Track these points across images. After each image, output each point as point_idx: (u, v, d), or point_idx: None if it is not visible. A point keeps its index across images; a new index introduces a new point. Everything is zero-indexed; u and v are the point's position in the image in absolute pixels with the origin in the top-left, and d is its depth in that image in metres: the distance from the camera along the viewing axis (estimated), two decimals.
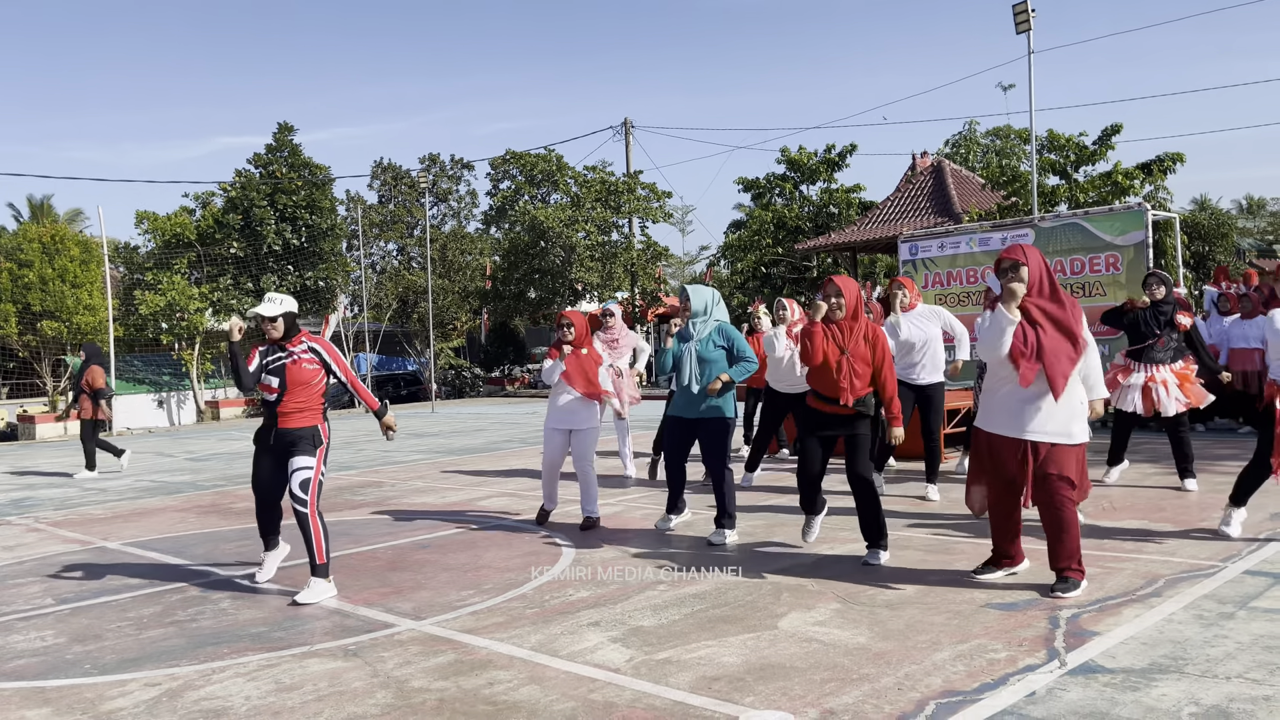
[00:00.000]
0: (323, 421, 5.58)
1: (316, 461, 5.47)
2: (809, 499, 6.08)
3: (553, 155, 35.07)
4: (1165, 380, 7.63)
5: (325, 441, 5.55)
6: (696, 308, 6.58)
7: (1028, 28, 17.40)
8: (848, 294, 5.70)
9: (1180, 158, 21.43)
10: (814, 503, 6.11)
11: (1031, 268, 4.87)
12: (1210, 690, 3.51)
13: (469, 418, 21.54)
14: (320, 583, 5.41)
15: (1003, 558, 5.22)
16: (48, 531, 8.35)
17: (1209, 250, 23.19)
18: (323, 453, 5.52)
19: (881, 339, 5.71)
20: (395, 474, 11.36)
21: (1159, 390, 7.63)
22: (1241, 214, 45.57)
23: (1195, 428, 12.14)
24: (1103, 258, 12.34)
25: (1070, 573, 4.85)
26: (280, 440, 5.51)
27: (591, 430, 7.26)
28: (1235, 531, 5.95)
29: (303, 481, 5.42)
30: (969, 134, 44.25)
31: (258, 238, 29.92)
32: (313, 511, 5.42)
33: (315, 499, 5.44)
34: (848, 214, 29.07)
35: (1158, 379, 7.67)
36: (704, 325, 6.56)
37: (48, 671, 4.38)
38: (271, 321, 5.51)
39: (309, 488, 5.42)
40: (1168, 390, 7.61)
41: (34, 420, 23.35)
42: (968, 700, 3.51)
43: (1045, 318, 4.84)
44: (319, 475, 5.48)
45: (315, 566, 5.42)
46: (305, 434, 5.48)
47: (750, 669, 3.96)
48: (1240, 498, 6.01)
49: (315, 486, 5.45)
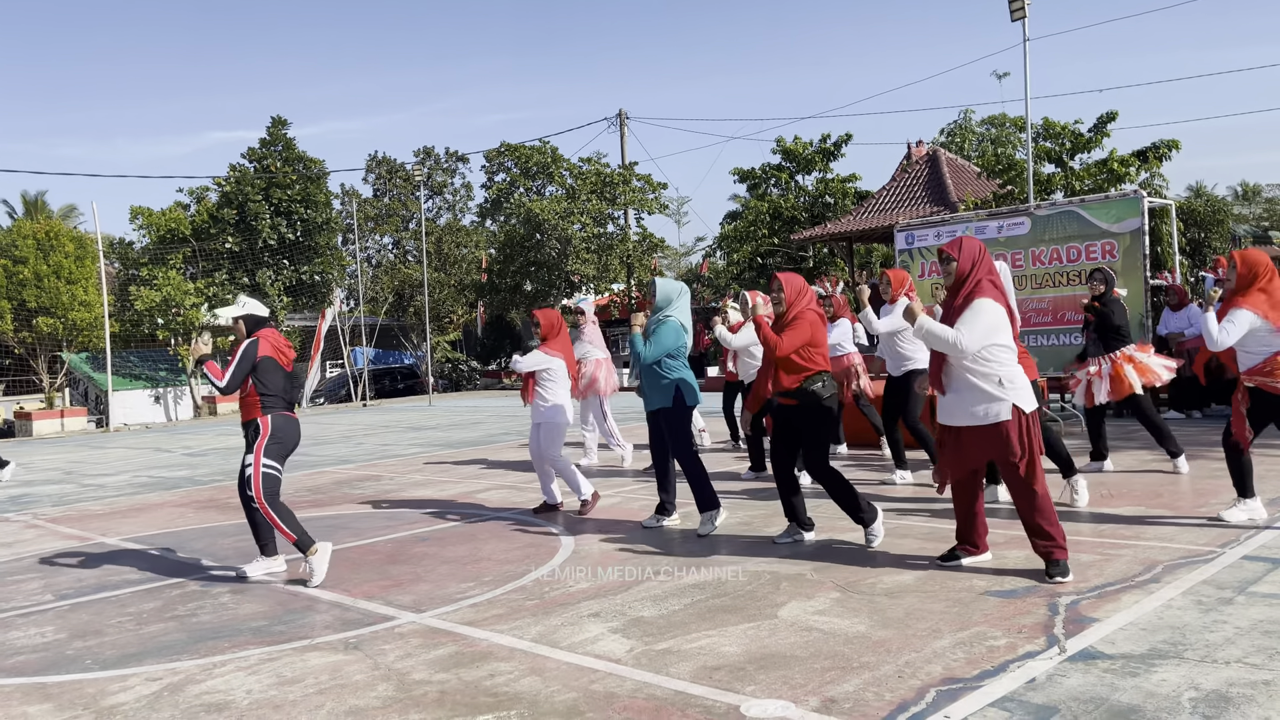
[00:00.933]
0: (262, 414, 5.71)
1: (255, 455, 5.65)
2: (787, 501, 6.08)
3: (548, 147, 34.97)
4: (1098, 370, 7.94)
5: (263, 433, 5.68)
6: (659, 301, 6.76)
7: (1023, 15, 17.36)
8: (789, 288, 5.89)
9: (1176, 144, 21.40)
10: (795, 509, 6.08)
11: (961, 261, 5.09)
12: (1210, 675, 3.52)
13: (466, 411, 21.54)
14: (310, 558, 5.60)
15: (965, 543, 5.31)
16: (46, 528, 8.35)
17: (1205, 237, 23.17)
18: (261, 445, 5.65)
19: (800, 321, 5.77)
20: (393, 467, 11.36)
21: (1095, 381, 7.97)
22: (1237, 200, 45.59)
23: (1191, 415, 12.18)
24: (1099, 245, 12.33)
25: (1056, 554, 4.90)
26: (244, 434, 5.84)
27: (548, 425, 7.42)
28: (1234, 518, 5.95)
29: (246, 478, 5.70)
30: (964, 123, 44.16)
31: (253, 232, 29.85)
32: (260, 503, 5.59)
33: (260, 491, 5.59)
34: (843, 204, 29.03)
35: (1091, 371, 8.00)
36: (657, 318, 6.70)
37: (48, 667, 4.38)
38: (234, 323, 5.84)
39: (250, 482, 5.63)
40: (1101, 380, 7.92)
41: (30, 417, 23.32)
42: (968, 687, 3.52)
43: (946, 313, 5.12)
44: (259, 467, 5.62)
45: (296, 546, 5.61)
46: (247, 427, 5.78)
47: (751, 658, 3.96)
48: (1244, 488, 6.01)
49: (257, 479, 5.61)
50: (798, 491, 6.09)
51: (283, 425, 5.73)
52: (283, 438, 5.71)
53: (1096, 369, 7.95)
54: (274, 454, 5.66)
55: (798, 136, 30.24)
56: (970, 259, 5.08)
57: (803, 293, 5.91)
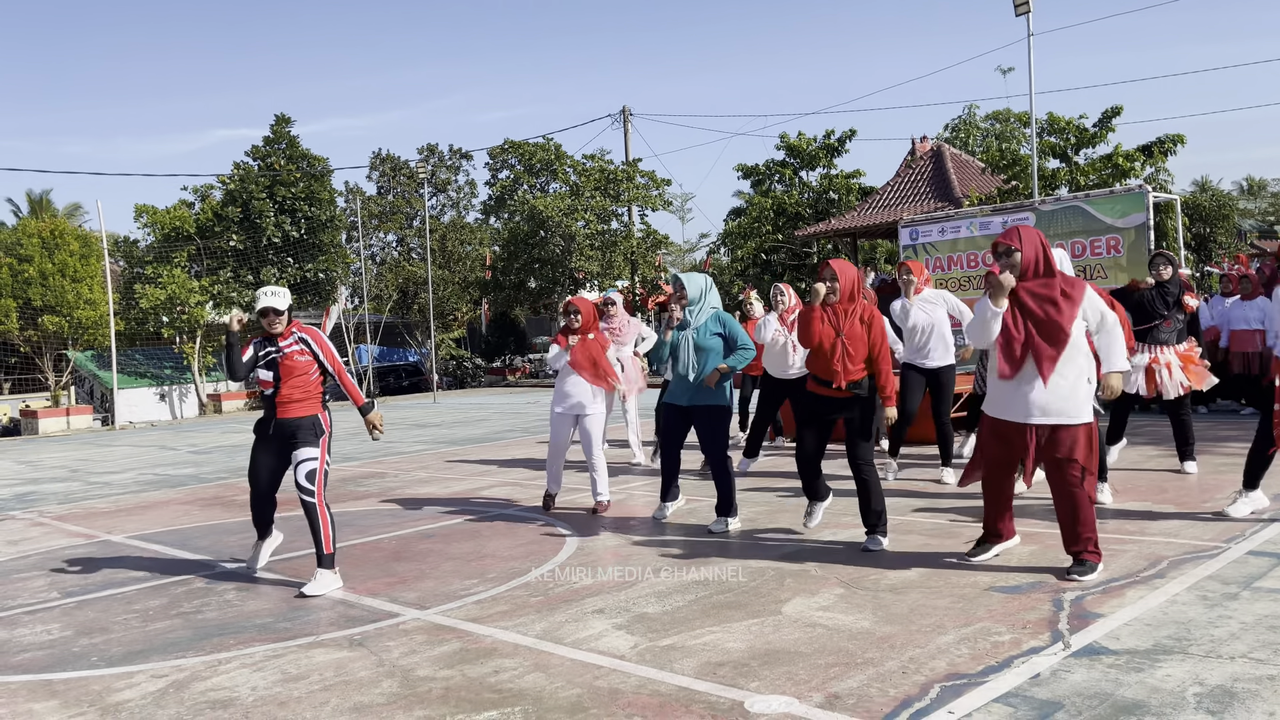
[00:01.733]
0: (323, 410, 5.58)
1: (320, 451, 5.48)
2: (810, 484, 6.09)
3: (551, 144, 34.96)
4: (1169, 362, 7.53)
5: (327, 430, 5.55)
6: (692, 295, 6.54)
7: (1027, 10, 17.33)
8: (844, 277, 5.71)
9: (1181, 139, 21.35)
10: (816, 489, 6.12)
11: (1026, 252, 4.85)
12: (1214, 670, 3.51)
13: (471, 408, 21.55)
14: (326, 574, 5.43)
15: (992, 535, 5.26)
16: (52, 525, 8.37)
17: (1210, 232, 23.15)
18: (325, 442, 5.52)
19: (877, 321, 5.71)
20: (398, 464, 11.38)
21: (1162, 372, 7.56)
22: (1242, 195, 45.47)
23: (1198, 409, 12.14)
24: (1104, 240, 12.31)
25: (1087, 555, 4.85)
26: (280, 431, 5.52)
27: (597, 415, 7.30)
28: (1239, 513, 5.95)
29: (309, 472, 5.42)
30: (969, 118, 44.07)
31: (257, 230, 29.88)
32: (320, 502, 5.43)
33: (322, 489, 5.46)
34: (848, 200, 28.99)
35: (1161, 360, 7.57)
36: (700, 313, 6.54)
37: (55, 664, 4.39)
38: (278, 315, 5.51)
39: (315, 478, 5.42)
40: (1170, 372, 7.53)
41: (36, 415, 23.37)
42: (972, 683, 3.51)
43: (1036, 303, 4.82)
44: (324, 465, 5.48)
45: (322, 557, 5.44)
46: (305, 423, 5.48)
47: (755, 654, 3.96)
48: (1252, 480, 6.00)
49: (321, 476, 5.45)
50: (820, 475, 6.07)
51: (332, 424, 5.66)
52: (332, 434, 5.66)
53: (1166, 360, 7.54)
54: (331, 451, 5.57)
55: (801, 132, 30.16)
56: (1034, 248, 4.84)
57: (858, 282, 5.78)
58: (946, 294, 8.16)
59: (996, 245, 4.94)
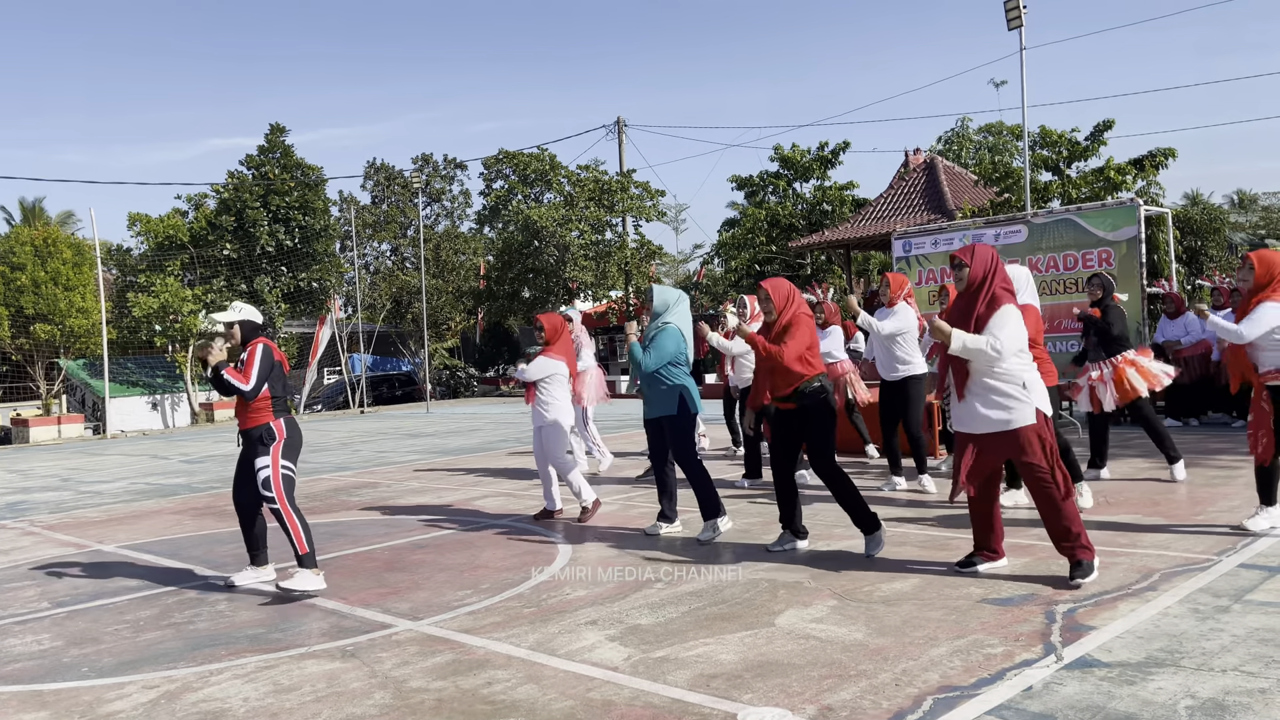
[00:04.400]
0: (275, 418, 5.70)
1: (272, 457, 5.62)
2: (782, 505, 6.08)
3: (546, 154, 35.01)
4: (1101, 375, 7.89)
5: (279, 437, 5.66)
6: (657, 307, 6.75)
7: (1019, 24, 17.44)
8: (775, 295, 5.90)
9: (1172, 153, 21.47)
10: (789, 515, 6.08)
11: (974, 269, 5.10)
12: (1206, 683, 3.52)
13: (464, 418, 21.52)
14: (306, 573, 5.51)
15: (982, 549, 5.32)
16: (43, 535, 8.34)
17: (1201, 245, 23.22)
18: (278, 448, 5.64)
19: (796, 328, 5.78)
20: (391, 474, 11.36)
21: (1098, 387, 7.91)
22: (1233, 209, 45.64)
23: (1189, 422, 12.19)
24: (1095, 253, 12.36)
25: (1079, 553, 4.92)
26: (245, 442, 5.77)
27: (550, 426, 7.48)
28: (1258, 527, 5.92)
29: (264, 480, 5.61)
30: (962, 130, 44.29)
31: (251, 239, 29.86)
32: (282, 504, 5.56)
33: (281, 492, 5.58)
34: (841, 211, 29.09)
35: (1094, 377, 7.94)
36: (655, 325, 6.71)
37: (45, 675, 4.37)
38: (229, 328, 5.79)
39: (270, 484, 5.59)
40: (1105, 385, 7.86)
41: (28, 424, 23.27)
42: (965, 695, 3.52)
43: (961, 319, 5.08)
44: (278, 469, 5.61)
45: (300, 557, 5.55)
46: (256, 433, 5.68)
47: (748, 666, 3.96)
48: (1268, 495, 5.98)
49: (277, 481, 5.59)
50: (796, 498, 6.09)
51: (293, 427, 5.75)
52: (294, 440, 5.73)
53: (1099, 374, 7.91)
54: (290, 456, 5.67)
55: (795, 144, 30.28)
56: (983, 266, 5.09)
57: (791, 297, 5.94)
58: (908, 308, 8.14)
59: (952, 258, 5.22)
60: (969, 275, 5.11)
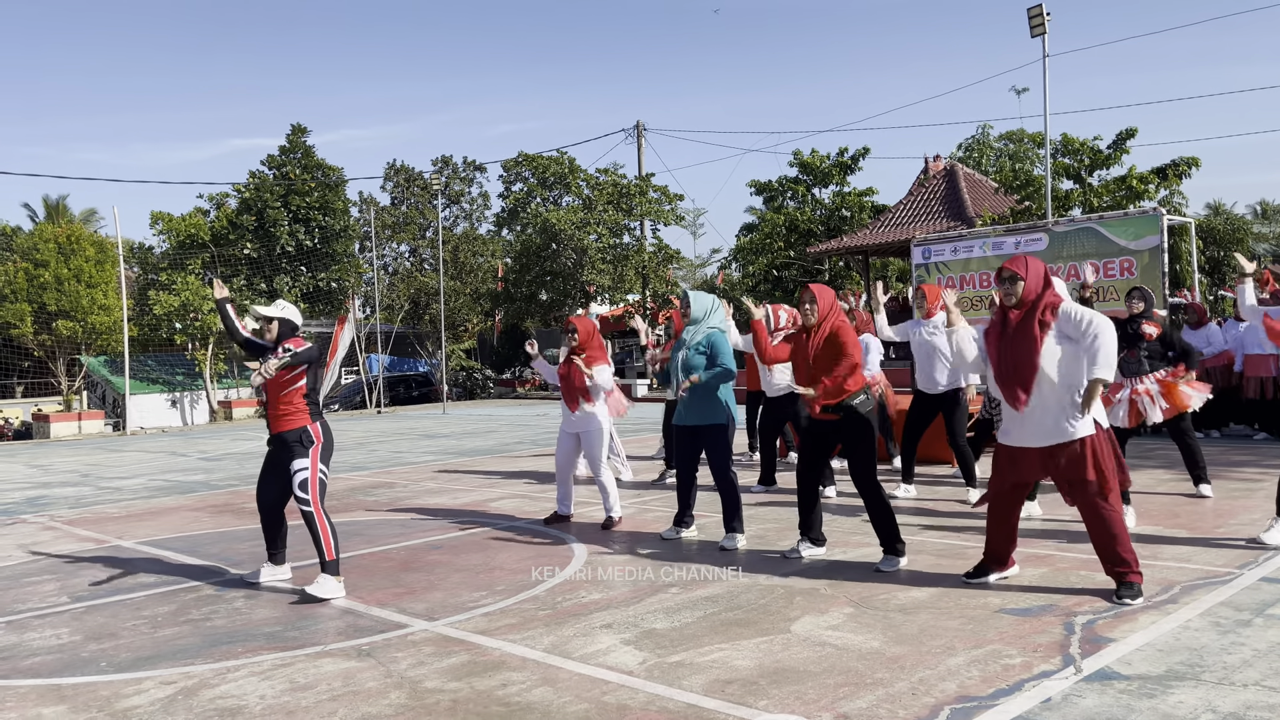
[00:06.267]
0: (312, 421, 5.69)
1: (311, 461, 5.61)
2: (802, 510, 6.05)
3: (565, 158, 35.08)
4: (1148, 390, 7.53)
5: (318, 441, 5.66)
6: (696, 313, 6.64)
7: (1043, 31, 17.36)
8: (820, 301, 5.81)
9: (1195, 162, 21.29)
10: (809, 522, 6.05)
11: (1029, 281, 4.90)
12: (1227, 698, 3.48)
13: (480, 419, 21.57)
14: (329, 579, 5.48)
15: (994, 560, 5.24)
16: (63, 530, 8.40)
17: (1224, 255, 23.04)
18: (316, 451, 5.63)
19: (842, 340, 5.70)
20: (407, 475, 11.39)
21: (1143, 400, 7.61)
22: (1257, 219, 45.26)
23: (1210, 434, 12.07)
24: (1117, 262, 12.28)
25: (1131, 576, 4.81)
26: (276, 444, 5.73)
27: (594, 432, 7.37)
28: (1274, 540, 5.86)
29: (301, 482, 5.59)
30: (982, 137, 44.05)
31: (271, 239, 30.05)
32: (316, 509, 5.55)
33: (317, 496, 5.57)
34: (860, 217, 29.00)
35: (1140, 390, 7.58)
36: (697, 332, 6.60)
37: (63, 669, 4.40)
38: (268, 323, 5.78)
39: (308, 487, 5.58)
40: (1153, 400, 7.54)
41: (49, 419, 23.48)
42: (983, 706, 3.49)
43: (1013, 334, 4.92)
44: (316, 473, 5.60)
45: (325, 563, 5.51)
46: (294, 436, 5.65)
47: (764, 672, 3.95)
48: None
49: (315, 484, 5.58)
50: (817, 506, 6.06)
51: (328, 431, 5.77)
52: (329, 444, 5.75)
53: (1144, 387, 7.53)
54: (325, 460, 5.68)
55: (815, 150, 30.21)
56: (1038, 280, 4.91)
57: (834, 307, 5.87)
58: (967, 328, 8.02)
59: (1002, 270, 4.99)
60: (1023, 290, 4.89)
